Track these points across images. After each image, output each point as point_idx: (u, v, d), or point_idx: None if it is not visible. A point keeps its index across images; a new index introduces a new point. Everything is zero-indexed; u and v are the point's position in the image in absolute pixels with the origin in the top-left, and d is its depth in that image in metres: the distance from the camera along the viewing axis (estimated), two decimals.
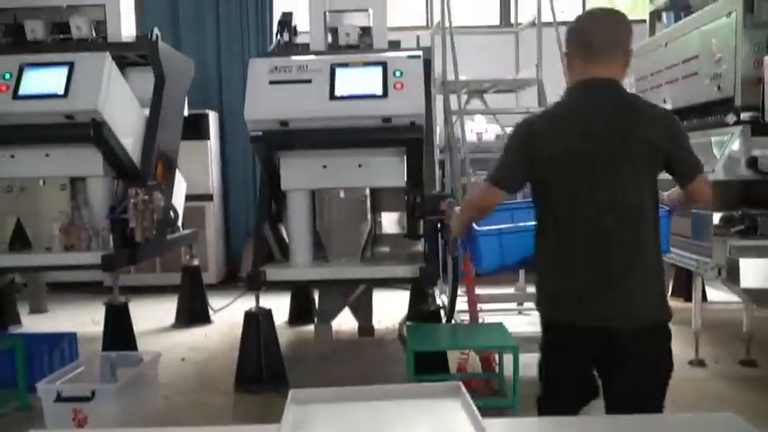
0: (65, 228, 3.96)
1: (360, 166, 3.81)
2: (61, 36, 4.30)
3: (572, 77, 1.97)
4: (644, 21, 5.25)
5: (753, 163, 3.32)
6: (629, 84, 4.82)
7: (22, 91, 3.78)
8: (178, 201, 4.70)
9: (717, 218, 3.38)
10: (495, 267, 2.36)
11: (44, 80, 3.79)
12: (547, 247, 1.94)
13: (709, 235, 3.33)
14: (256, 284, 3.65)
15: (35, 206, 4.04)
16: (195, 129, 6.19)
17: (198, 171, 6.30)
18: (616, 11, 2.03)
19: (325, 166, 3.83)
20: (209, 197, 6.52)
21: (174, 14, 6.99)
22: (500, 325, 3.53)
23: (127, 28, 4.41)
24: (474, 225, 2.27)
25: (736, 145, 3.41)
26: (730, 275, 3.22)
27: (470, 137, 6.60)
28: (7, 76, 3.82)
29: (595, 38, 1.89)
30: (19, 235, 4.08)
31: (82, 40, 4.23)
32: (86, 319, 4.90)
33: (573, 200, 1.86)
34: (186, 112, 4.94)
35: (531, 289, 5.35)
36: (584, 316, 1.84)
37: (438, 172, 5.41)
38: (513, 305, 5.20)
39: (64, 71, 3.77)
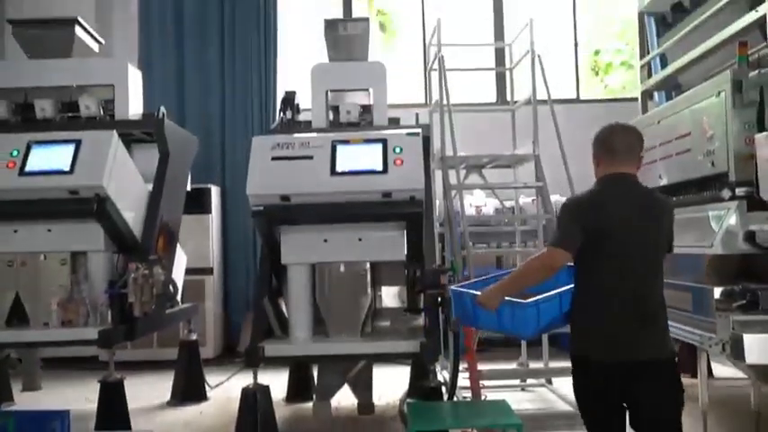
0: (63, 302, 3.93)
1: (360, 240, 3.84)
2: (70, 114, 4.42)
3: (599, 173, 2.69)
4: (636, 99, 5.41)
5: (750, 237, 3.34)
6: None
7: (29, 167, 3.85)
8: (178, 274, 4.69)
9: (717, 292, 3.36)
10: (535, 332, 2.79)
11: (51, 157, 3.87)
12: (595, 302, 2.47)
13: (712, 310, 3.30)
14: (254, 361, 3.60)
15: (35, 281, 4.02)
16: (197, 203, 6.25)
17: (199, 244, 6.32)
18: (631, 126, 2.77)
19: (325, 240, 3.85)
20: (210, 270, 6.51)
21: (179, 91, 7.20)
22: (503, 402, 3.44)
23: (134, 106, 4.55)
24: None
25: (732, 220, 3.44)
26: (735, 351, 3.17)
27: (469, 210, 6.69)
28: (15, 153, 3.90)
29: (616, 145, 2.63)
30: (17, 310, 4.05)
31: (90, 118, 4.35)
32: (80, 396, 4.79)
33: (617, 267, 2.44)
34: (189, 187, 5.01)
35: (534, 364, 5.27)
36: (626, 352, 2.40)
37: (438, 245, 5.43)
38: (516, 381, 5.10)
39: (71, 148, 3.86)
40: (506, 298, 2.62)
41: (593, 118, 7.02)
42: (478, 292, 2.69)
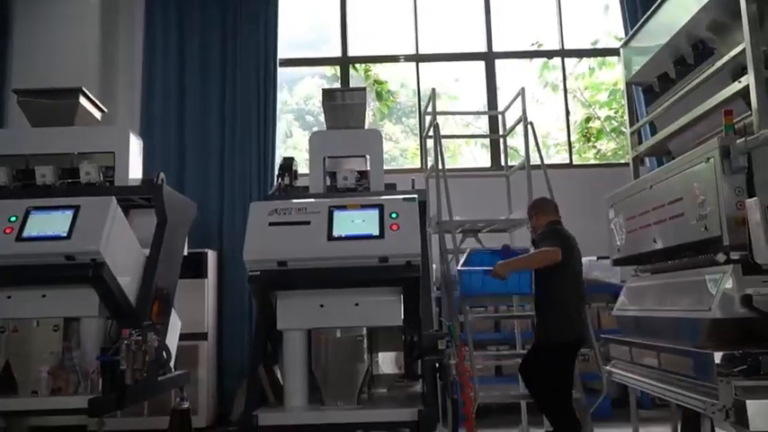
0: (53, 370, 3.85)
1: (357, 305, 3.82)
2: (70, 180, 4.46)
3: (542, 221, 4.54)
4: (627, 164, 5.50)
5: (748, 301, 3.33)
6: (616, 223, 4.95)
7: (26, 233, 3.85)
8: (172, 340, 4.61)
9: (718, 357, 3.33)
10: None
11: (49, 222, 3.88)
12: (567, 299, 4.23)
13: (713, 375, 3.26)
14: (248, 430, 3.50)
15: (26, 347, 3.95)
16: (193, 267, 6.23)
17: (194, 309, 6.26)
18: (548, 199, 4.72)
19: (322, 306, 3.83)
20: (204, 336, 6.42)
21: (180, 157, 7.31)
22: None
23: (134, 172, 4.59)
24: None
25: (729, 284, 3.44)
26: (738, 418, 3.10)
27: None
28: (13, 218, 3.91)
29: (551, 205, 4.66)
30: (6, 377, 3.96)
31: (90, 184, 4.38)
32: None
33: (577, 275, 4.38)
34: (186, 251, 5.00)
35: (535, 431, 5.13)
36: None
37: (435, 310, 5.40)
38: None
39: (69, 214, 3.87)
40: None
41: (586, 182, 7.28)
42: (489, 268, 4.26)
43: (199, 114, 7.42)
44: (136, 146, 4.68)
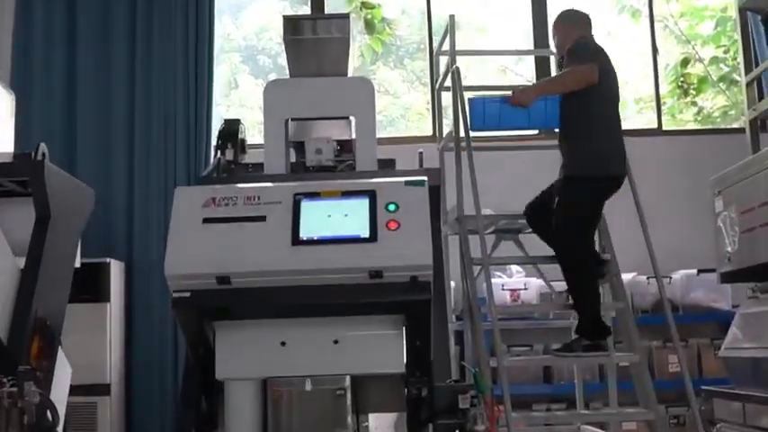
0: None
1: (336, 342, 3.85)
2: None
3: (571, 36, 5.03)
4: (742, 130, 5.55)
5: None
6: (726, 218, 5.01)
7: None
8: (59, 395, 4.64)
9: None
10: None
11: None
12: (602, 128, 4.87)
13: None
14: None
15: None
16: (90, 286, 6.25)
17: (91, 349, 6.28)
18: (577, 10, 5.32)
19: (283, 344, 3.86)
20: (106, 389, 6.45)
21: (69, 121, 7.34)
22: None
23: (1, 143, 4.60)
24: None
25: None
26: None
27: (501, 296, 6.73)
28: None
29: (582, 17, 5.22)
30: None
31: None
32: None
33: (613, 100, 4.98)
34: (78, 262, 5.02)
35: None
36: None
37: (454, 349, 5.44)
38: None
39: None
40: None
41: (682, 157, 7.34)
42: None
43: (97, 57, 7.44)
44: (6, 103, 4.69)
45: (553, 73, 6.65)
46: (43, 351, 4.21)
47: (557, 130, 5.19)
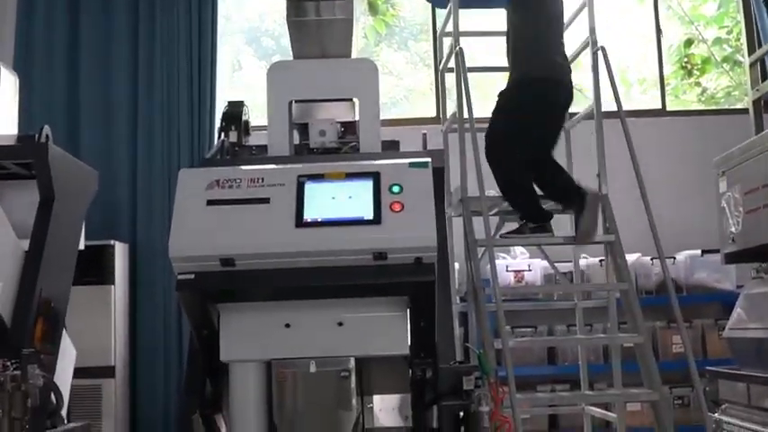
0: None
1: (340, 324, 3.84)
2: None
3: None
4: (746, 110, 5.51)
5: None
6: (729, 199, 4.97)
7: None
8: (64, 378, 4.64)
9: None
10: None
11: None
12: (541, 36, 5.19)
13: None
14: None
15: None
16: (94, 268, 6.26)
17: (95, 332, 6.30)
18: None
19: (287, 326, 3.85)
20: (110, 371, 6.47)
21: (72, 103, 7.33)
22: None
23: (5, 124, 4.58)
24: None
25: None
26: None
27: (506, 277, 6.72)
28: None
29: None
30: None
31: None
32: None
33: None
34: (82, 245, 5.01)
35: None
36: None
37: (458, 331, 5.43)
38: None
39: None
40: None
41: (686, 137, 7.31)
42: None
43: (100, 38, 7.42)
44: (9, 85, 4.66)
45: None
46: (47, 334, 4.21)
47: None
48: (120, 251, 6.81)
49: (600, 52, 5.46)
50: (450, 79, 5.83)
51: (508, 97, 5.17)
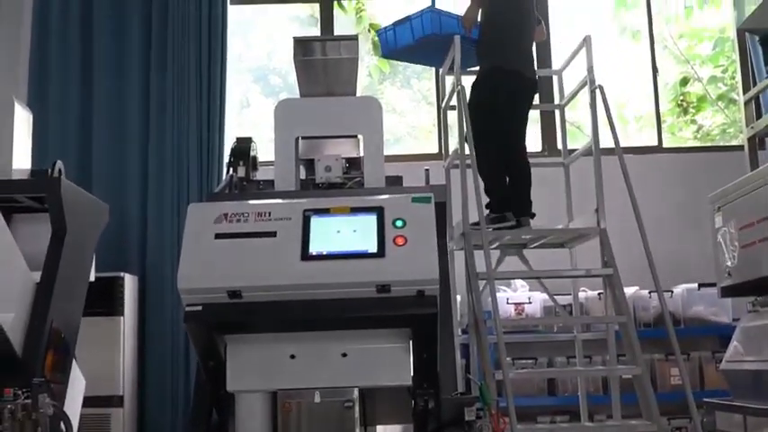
0: None
1: (344, 355, 3.84)
2: None
3: None
4: (741, 147, 5.54)
5: None
6: (725, 234, 4.98)
7: None
8: (73, 407, 4.63)
9: None
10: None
11: None
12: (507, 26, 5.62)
13: None
14: None
15: None
16: (104, 299, 6.25)
17: (104, 361, 6.27)
18: None
19: (293, 357, 3.85)
20: (119, 400, 6.43)
21: (85, 137, 7.36)
22: None
23: (19, 158, 4.60)
24: None
25: None
26: None
27: (506, 310, 6.70)
28: None
29: None
30: None
31: None
32: None
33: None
34: (93, 276, 5.02)
35: None
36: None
37: (460, 363, 5.42)
38: None
39: None
40: None
41: (682, 174, 7.33)
42: None
43: (112, 76, 7.46)
44: (23, 121, 4.69)
45: (556, 92, 6.66)
46: (58, 364, 4.21)
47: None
48: (130, 283, 6.80)
49: (598, 91, 5.50)
50: (452, 117, 5.89)
51: (475, 92, 5.51)
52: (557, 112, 6.74)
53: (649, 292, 6.61)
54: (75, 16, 7.53)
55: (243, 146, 5.02)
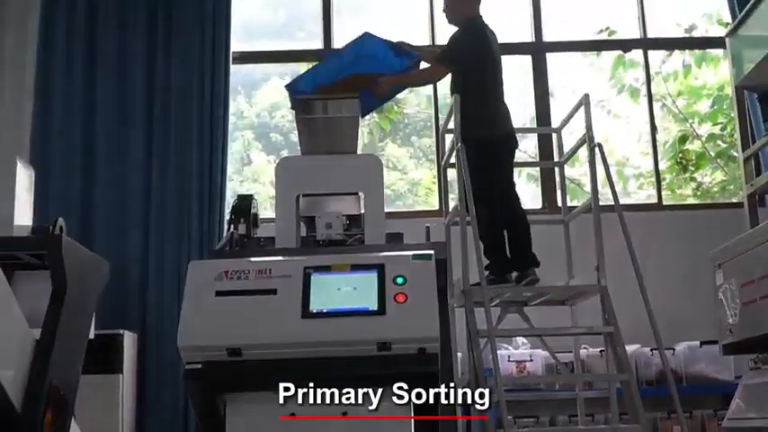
0: None
1: (345, 413, 3.80)
2: None
3: (460, 10, 5.72)
4: (741, 204, 5.56)
5: None
6: (726, 291, 4.98)
7: None
8: None
9: None
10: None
11: None
12: (486, 100, 5.64)
13: None
14: None
15: None
16: (103, 357, 6.22)
17: (103, 420, 6.20)
18: None
19: (293, 415, 3.82)
20: None
21: (86, 195, 7.39)
22: None
23: (20, 215, 4.62)
24: None
25: None
26: None
27: (507, 367, 6.67)
28: None
29: None
30: None
31: None
32: None
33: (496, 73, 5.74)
34: (92, 334, 5.00)
35: None
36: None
37: (461, 421, 5.37)
38: None
39: None
40: None
41: (682, 231, 7.34)
42: None
43: (114, 133, 7.53)
44: (24, 178, 4.72)
45: (555, 150, 6.72)
46: (56, 422, 4.17)
47: None
48: (129, 341, 6.78)
49: (597, 149, 5.54)
50: (452, 174, 5.92)
51: (471, 160, 5.39)
52: (556, 170, 6.79)
53: (651, 350, 6.58)
54: (79, 87, 7.62)
55: (244, 203, 5.04)
